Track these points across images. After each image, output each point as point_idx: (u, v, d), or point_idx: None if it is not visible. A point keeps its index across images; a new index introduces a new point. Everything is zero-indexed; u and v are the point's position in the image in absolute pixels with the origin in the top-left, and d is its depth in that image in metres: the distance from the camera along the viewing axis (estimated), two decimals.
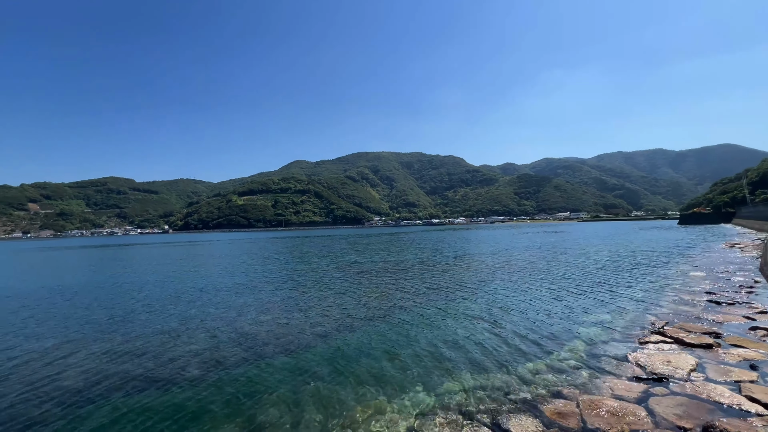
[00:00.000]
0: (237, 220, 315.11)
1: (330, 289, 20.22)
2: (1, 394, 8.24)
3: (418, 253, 41.78)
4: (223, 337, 11.89)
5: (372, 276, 24.66)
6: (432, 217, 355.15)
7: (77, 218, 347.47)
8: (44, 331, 13.33)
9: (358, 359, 9.71)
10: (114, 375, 9.15)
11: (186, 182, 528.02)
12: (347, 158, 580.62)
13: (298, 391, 8.01)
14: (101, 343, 11.63)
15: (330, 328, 12.65)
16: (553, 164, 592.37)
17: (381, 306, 15.72)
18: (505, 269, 25.99)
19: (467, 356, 9.66)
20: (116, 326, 13.67)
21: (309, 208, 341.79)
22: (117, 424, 6.88)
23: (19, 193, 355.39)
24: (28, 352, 10.99)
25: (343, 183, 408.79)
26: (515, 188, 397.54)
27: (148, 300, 18.44)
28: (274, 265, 33.03)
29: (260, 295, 19.01)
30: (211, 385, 8.47)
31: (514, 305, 15.08)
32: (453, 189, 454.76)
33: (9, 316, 15.88)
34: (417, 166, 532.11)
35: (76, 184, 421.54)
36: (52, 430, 6.72)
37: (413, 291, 18.95)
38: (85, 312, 16.15)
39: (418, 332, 11.88)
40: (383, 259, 35.24)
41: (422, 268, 28.38)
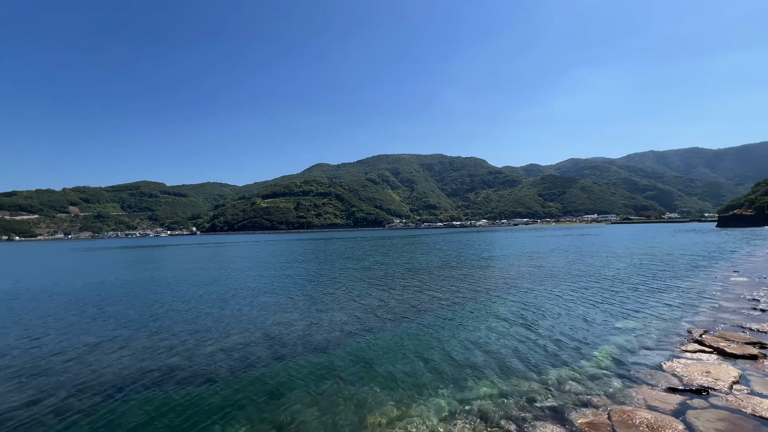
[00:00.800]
0: (261, 222, 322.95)
1: (354, 290, 20.36)
2: (54, 384, 8.78)
3: (442, 255, 41.43)
4: (251, 336, 12.20)
5: (396, 278, 24.65)
6: (453, 219, 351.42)
7: (113, 220, 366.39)
8: (92, 327, 14.09)
9: (381, 360, 9.73)
10: (152, 370, 9.56)
11: (213, 186, 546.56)
12: (368, 161, 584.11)
13: (323, 390, 8.11)
14: (141, 340, 12.19)
15: (354, 329, 12.72)
16: (579, 165, 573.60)
17: (405, 308, 15.69)
18: (532, 272, 25.36)
19: (492, 360, 9.48)
20: (154, 323, 14.30)
21: (330, 210, 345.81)
22: (153, 417, 7.19)
23: (61, 197, 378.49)
24: (78, 347, 11.65)
25: (363, 185, 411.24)
26: (539, 190, 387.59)
27: (183, 299, 19.17)
28: (299, 267, 33.60)
29: (286, 295, 19.39)
30: (241, 381, 8.71)
31: (542, 309, 14.68)
32: (474, 191, 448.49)
33: (61, 312, 16.89)
34: (438, 168, 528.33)
35: (112, 188, 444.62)
36: (96, 419, 7.11)
37: (437, 293, 18.80)
38: (127, 309, 16.98)
39: (442, 335, 11.77)
40: (407, 261, 35.18)
41: (446, 270, 28.12)
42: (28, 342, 12.31)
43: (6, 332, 13.63)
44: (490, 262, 33.62)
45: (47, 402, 7.91)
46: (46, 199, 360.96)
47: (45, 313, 16.60)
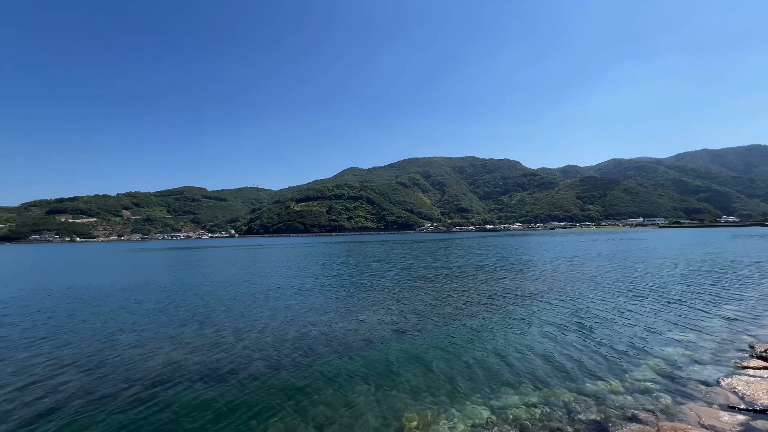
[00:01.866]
0: (294, 226, 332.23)
1: (388, 293, 20.47)
2: (103, 375, 9.57)
3: (476, 259, 40.63)
4: (285, 336, 12.60)
5: (430, 281, 24.49)
6: (486, 222, 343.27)
7: (160, 223, 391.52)
8: (144, 321, 15.19)
9: (413, 364, 9.72)
10: (192, 364, 10.16)
11: (250, 190, 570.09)
12: (398, 164, 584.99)
13: (353, 391, 8.24)
14: (187, 335, 12.98)
15: (387, 332, 12.80)
16: (622, 165, 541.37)
17: (439, 311, 15.56)
18: (574, 277, 24.29)
19: (530, 368, 9.19)
20: (196, 321, 15.15)
21: (361, 213, 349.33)
22: (192, 409, 7.65)
23: (116, 202, 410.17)
24: (126, 341, 12.61)
25: (394, 189, 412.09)
26: (578, 192, 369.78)
27: (223, 298, 20.16)
28: (333, 269, 34.24)
29: (320, 296, 19.83)
30: (274, 379, 9.04)
31: (585, 316, 14.04)
32: (508, 194, 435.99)
33: (120, 307, 18.34)
34: (469, 171, 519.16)
35: (159, 193, 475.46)
36: (139, 409, 7.67)
37: (473, 297, 18.49)
38: (172, 307, 18.11)
39: (479, 339, 11.57)
40: (441, 265, 34.84)
41: (482, 274, 27.57)
42: (91, 333, 13.47)
43: (74, 325, 14.96)
44: (528, 266, 32.53)
45: (107, 389, 8.62)
46: (103, 204, 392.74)
47: (108, 309, 18.04)
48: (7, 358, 10.96)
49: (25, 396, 8.39)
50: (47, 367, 10.21)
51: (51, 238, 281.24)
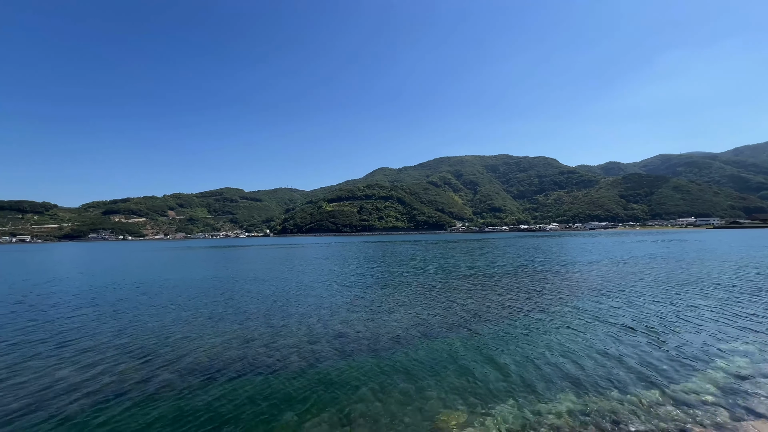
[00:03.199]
0: (326, 225, 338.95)
1: (422, 292, 20.44)
2: (156, 363, 10.30)
3: (515, 259, 39.56)
4: (318, 333, 12.94)
5: (468, 281, 24.19)
6: (520, 222, 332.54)
7: (201, 223, 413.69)
8: (189, 315, 16.19)
9: (447, 364, 9.66)
10: (230, 357, 10.69)
11: (284, 191, 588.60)
12: (429, 164, 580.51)
13: (385, 390, 8.32)
14: (222, 329, 13.66)
15: (422, 331, 12.79)
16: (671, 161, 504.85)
17: (475, 311, 15.34)
18: (623, 279, 23.09)
19: (573, 373, 8.87)
20: (233, 315, 15.90)
21: (392, 213, 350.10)
22: (229, 399, 8.06)
23: (162, 203, 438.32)
24: (172, 333, 13.48)
25: (425, 189, 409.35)
26: (620, 190, 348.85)
27: (261, 295, 20.98)
28: (366, 267, 34.61)
29: (354, 294, 20.14)
30: (308, 374, 9.32)
31: (636, 320, 13.32)
32: (544, 192, 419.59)
33: (168, 302, 19.67)
34: (503, 169, 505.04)
35: (201, 194, 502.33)
36: (181, 396, 8.19)
37: (512, 297, 18.08)
38: (215, 302, 19.12)
39: (515, 342, 11.31)
40: (479, 264, 34.25)
41: (522, 274, 26.87)
42: (145, 324, 14.54)
43: (133, 317, 16.21)
44: (572, 267, 31.25)
45: (159, 376, 9.29)
46: (151, 205, 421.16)
47: (161, 302, 19.39)
48: (75, 342, 12.08)
49: (91, 378, 9.22)
50: (110, 352, 11.15)
51: (106, 237, 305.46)
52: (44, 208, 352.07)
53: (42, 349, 11.73)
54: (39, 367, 10.16)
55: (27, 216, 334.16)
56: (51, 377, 9.44)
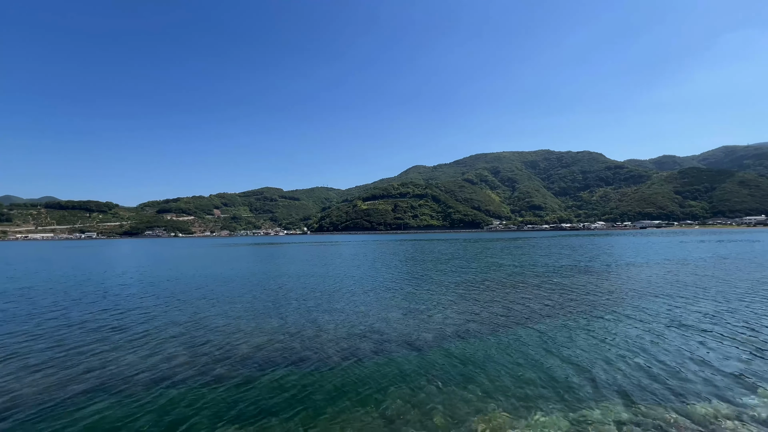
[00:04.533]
0: (361, 223, 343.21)
1: (459, 291, 20.21)
2: (204, 352, 11.02)
3: (561, 258, 37.97)
4: (356, 330, 13.19)
5: (505, 280, 23.61)
6: (562, 221, 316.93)
7: (244, 221, 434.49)
8: (233, 309, 17.15)
9: (485, 366, 9.52)
10: (274, 350, 11.18)
11: (320, 190, 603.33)
12: (465, 161, 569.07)
13: (422, 389, 8.34)
14: (270, 323, 14.29)
15: (459, 330, 12.68)
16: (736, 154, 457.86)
17: (515, 312, 14.96)
18: (685, 282, 21.43)
19: (620, 380, 8.43)
20: (277, 310, 16.59)
21: (426, 212, 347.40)
22: (274, 391, 8.44)
23: (209, 202, 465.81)
24: (221, 324, 14.34)
25: (460, 186, 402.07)
26: (676, 186, 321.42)
27: (299, 291, 21.72)
28: (403, 265, 34.70)
29: (390, 292, 20.28)
30: (347, 370, 9.54)
31: (691, 326, 12.37)
32: (588, 189, 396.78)
33: (216, 295, 21.01)
34: (543, 165, 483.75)
35: (243, 194, 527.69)
36: (226, 384, 8.70)
37: (554, 298, 17.45)
38: (256, 297, 20.07)
39: (559, 345, 10.92)
40: (515, 264, 33.24)
41: (568, 274, 25.81)
42: (194, 316, 15.61)
43: (184, 308, 17.49)
44: (625, 267, 29.53)
45: (206, 365, 9.95)
46: (198, 204, 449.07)
47: (210, 295, 20.72)
48: (128, 330, 13.27)
49: (150, 364, 10.09)
50: (167, 341, 12.12)
51: (160, 234, 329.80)
52: (107, 208, 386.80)
53: (111, 336, 12.98)
54: (108, 351, 11.26)
55: (93, 215, 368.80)
56: (118, 361, 10.44)
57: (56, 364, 10.36)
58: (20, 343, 12.42)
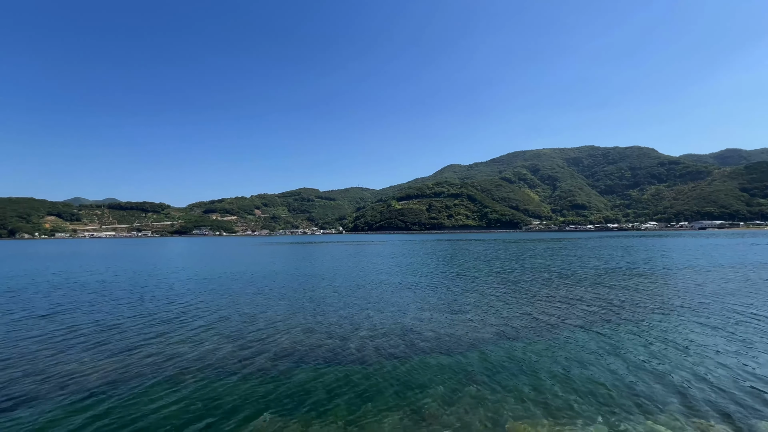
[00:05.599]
0: (396, 223, 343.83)
1: (498, 292, 19.71)
2: (245, 345, 11.52)
3: (609, 261, 35.94)
4: (392, 328, 13.22)
5: (547, 283, 22.71)
6: (608, 221, 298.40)
7: (282, 221, 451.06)
8: (273, 304, 17.84)
9: (527, 370, 9.18)
10: (312, 345, 11.47)
11: (355, 190, 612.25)
12: (502, 159, 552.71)
13: (458, 390, 8.20)
14: (304, 319, 14.72)
15: (497, 333, 12.36)
16: None
17: (558, 316, 14.33)
18: (753, 289, 19.44)
19: (672, 391, 7.83)
20: (313, 306, 17.05)
21: (462, 211, 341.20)
22: (312, 385, 8.65)
23: (250, 203, 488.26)
24: (263, 319, 14.93)
25: (497, 185, 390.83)
26: (742, 182, 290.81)
27: (336, 288, 22.16)
28: (443, 266, 34.38)
29: (430, 293, 20.16)
30: (382, 368, 9.58)
31: (758, 337, 11.14)
32: (638, 187, 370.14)
33: (256, 291, 21.95)
34: (587, 162, 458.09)
35: (282, 195, 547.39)
36: (268, 376, 9.01)
37: (603, 303, 16.54)
38: (296, 294, 20.73)
39: (607, 351, 10.33)
40: (558, 265, 31.83)
41: (618, 278, 24.43)
42: (238, 310, 16.40)
43: (228, 303, 18.43)
44: (681, 271, 27.42)
45: (246, 358, 10.40)
46: (241, 204, 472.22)
47: (251, 291, 21.71)
48: (186, 322, 14.16)
49: (199, 354, 10.72)
50: (213, 333, 12.82)
51: (206, 233, 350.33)
52: (160, 208, 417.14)
53: (170, 327, 13.96)
54: (160, 342, 12.13)
55: (148, 215, 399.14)
56: (170, 350, 11.20)
57: (124, 349, 11.31)
58: (98, 332, 13.67)
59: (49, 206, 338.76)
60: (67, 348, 11.57)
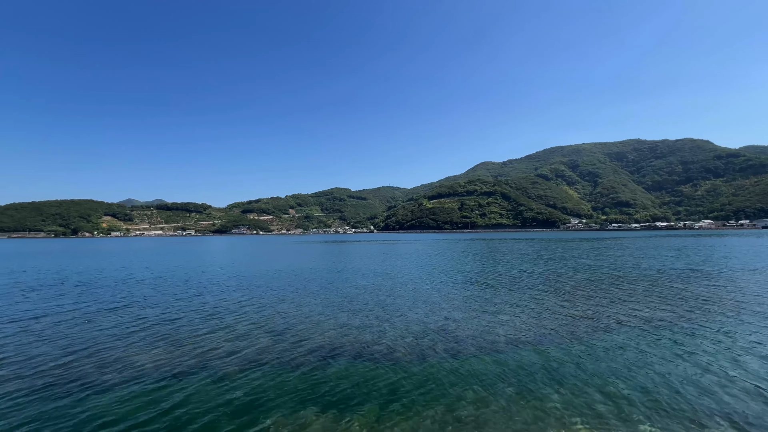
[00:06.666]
0: (427, 222, 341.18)
1: (536, 292, 19.09)
2: (283, 339, 11.88)
3: (660, 262, 33.63)
4: (424, 328, 13.14)
5: (598, 283, 21.70)
6: (655, 219, 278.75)
7: (315, 220, 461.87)
8: (308, 301, 18.26)
9: (563, 375, 8.87)
10: (344, 343, 11.65)
11: (386, 189, 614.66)
12: (538, 155, 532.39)
13: (493, 393, 8.01)
14: (341, 316, 14.97)
15: (537, 334, 12.00)
16: None
17: (602, 318, 13.68)
18: None
19: (732, 405, 7.17)
20: (347, 304, 17.30)
21: (495, 210, 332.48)
22: (344, 380, 8.77)
23: (285, 203, 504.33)
24: (298, 315, 15.32)
25: (533, 182, 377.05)
26: None
27: (368, 286, 22.33)
28: (476, 265, 33.72)
29: (460, 292, 19.86)
30: (414, 367, 9.54)
31: None
32: (691, 182, 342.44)
33: (293, 288, 22.62)
34: (632, 157, 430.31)
35: (315, 195, 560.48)
36: (303, 371, 9.25)
37: (653, 306, 15.55)
38: (330, 290, 21.12)
39: (658, 359, 9.71)
40: (611, 265, 30.20)
41: (671, 280, 22.89)
42: (275, 306, 16.95)
43: (268, 298, 19.11)
44: (746, 274, 25.24)
45: (285, 352, 10.73)
46: (276, 204, 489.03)
47: (288, 287, 22.41)
48: (227, 317, 14.86)
49: (237, 347, 11.22)
50: (252, 328, 13.38)
51: (244, 231, 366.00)
52: (202, 209, 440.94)
53: (213, 323, 14.73)
54: (209, 336, 12.80)
55: (192, 215, 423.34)
56: (210, 344, 11.80)
57: (178, 342, 12.10)
58: (156, 325, 14.71)
59: (106, 207, 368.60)
60: (130, 339, 12.55)
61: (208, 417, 7.29)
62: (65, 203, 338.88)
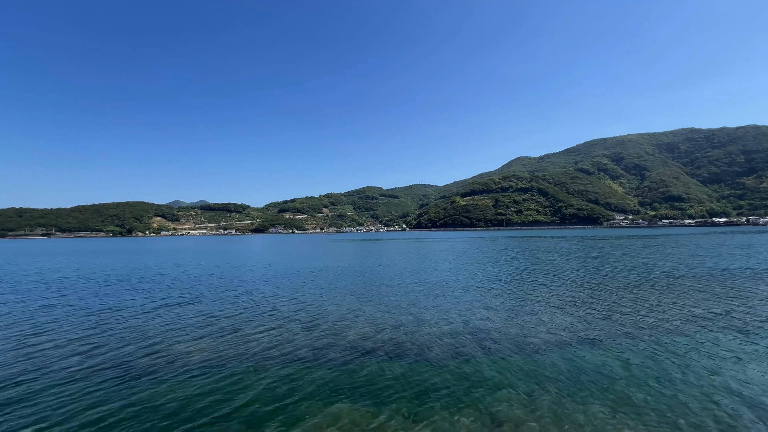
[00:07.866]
0: (460, 220, 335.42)
1: (576, 293, 18.26)
2: (318, 335, 12.08)
3: (730, 261, 30.96)
4: (459, 327, 12.93)
5: (657, 284, 20.36)
6: (712, 214, 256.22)
7: (348, 219, 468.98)
8: (343, 299, 18.52)
9: (609, 378, 8.43)
10: (379, 340, 11.69)
11: (418, 187, 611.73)
12: (577, 148, 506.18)
13: (533, 395, 7.76)
14: (374, 314, 15.07)
15: (575, 337, 11.48)
16: None
17: (649, 321, 12.82)
18: None
19: None
20: (379, 301, 17.40)
21: (532, 206, 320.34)
22: (380, 377, 8.77)
23: (318, 202, 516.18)
24: (332, 312, 15.58)
25: (572, 177, 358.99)
26: None
27: (402, 285, 22.33)
28: (514, 264, 32.73)
29: (497, 291, 19.34)
30: (449, 366, 9.40)
31: None
32: (755, 174, 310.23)
33: (329, 285, 22.96)
34: (684, 147, 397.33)
35: (348, 194, 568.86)
36: (340, 366, 9.33)
37: (706, 310, 14.19)
38: (362, 288, 21.31)
39: (695, 367, 8.99)
40: (670, 264, 28.14)
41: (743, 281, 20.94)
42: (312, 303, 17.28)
43: (301, 295, 19.48)
44: None
45: (321, 347, 10.94)
46: (310, 204, 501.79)
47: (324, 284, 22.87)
48: (270, 313, 15.31)
49: (274, 342, 11.57)
50: (289, 324, 13.74)
51: (281, 230, 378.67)
52: (242, 209, 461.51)
53: (258, 319, 15.30)
54: (252, 331, 13.34)
55: (232, 215, 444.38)
56: (258, 338, 12.30)
57: (223, 335, 12.73)
58: (205, 319, 15.52)
59: (156, 208, 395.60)
60: (181, 332, 13.36)
61: (251, 407, 7.60)
62: (121, 205, 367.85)
